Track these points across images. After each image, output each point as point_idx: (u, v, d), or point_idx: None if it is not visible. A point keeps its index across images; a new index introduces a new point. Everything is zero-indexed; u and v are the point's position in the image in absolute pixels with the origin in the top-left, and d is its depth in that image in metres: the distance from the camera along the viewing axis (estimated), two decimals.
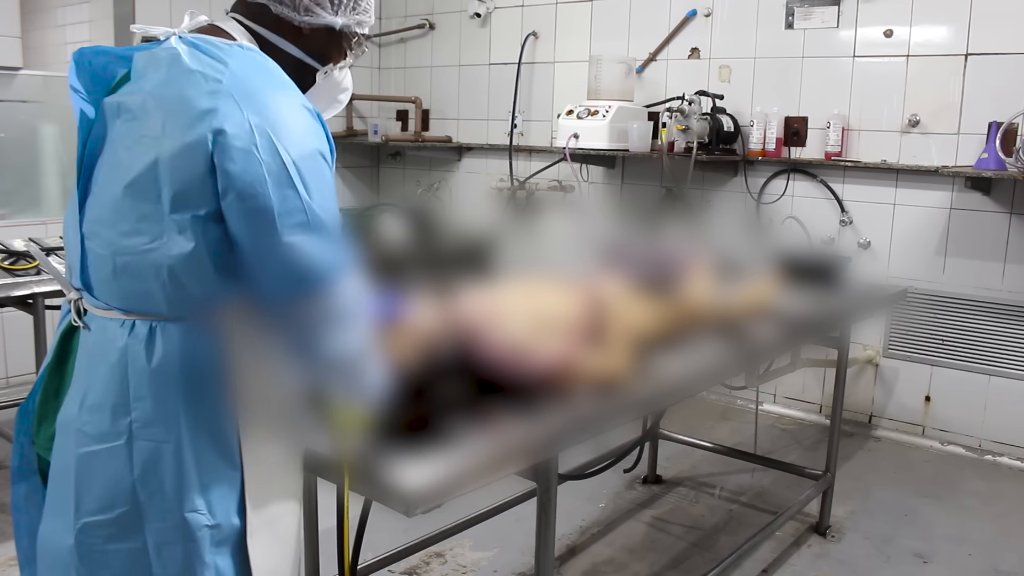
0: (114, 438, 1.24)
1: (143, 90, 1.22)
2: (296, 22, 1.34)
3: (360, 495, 1.43)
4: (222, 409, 1.25)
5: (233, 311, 1.23)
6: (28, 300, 2.73)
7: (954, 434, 3.81)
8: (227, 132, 1.14)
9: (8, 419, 3.41)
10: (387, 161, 5.69)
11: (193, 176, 1.15)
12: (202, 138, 1.14)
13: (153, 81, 1.22)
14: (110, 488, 1.24)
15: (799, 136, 4.05)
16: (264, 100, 1.18)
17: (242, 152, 1.14)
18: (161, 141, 1.17)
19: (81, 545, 1.25)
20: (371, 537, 1.95)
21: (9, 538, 2.80)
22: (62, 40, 6.08)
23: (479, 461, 1.38)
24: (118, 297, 1.24)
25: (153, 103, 1.19)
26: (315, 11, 1.34)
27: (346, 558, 1.44)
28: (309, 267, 1.19)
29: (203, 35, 1.30)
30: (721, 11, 4.23)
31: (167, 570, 1.25)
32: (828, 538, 2.96)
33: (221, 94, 1.16)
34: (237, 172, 1.14)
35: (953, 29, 3.62)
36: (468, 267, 1.64)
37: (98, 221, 1.24)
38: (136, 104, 1.21)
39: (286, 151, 1.16)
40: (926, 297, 3.80)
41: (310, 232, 1.18)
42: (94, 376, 1.26)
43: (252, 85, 1.19)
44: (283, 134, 1.17)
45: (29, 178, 4.12)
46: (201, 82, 1.18)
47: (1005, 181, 3.54)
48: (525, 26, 4.92)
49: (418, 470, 1.29)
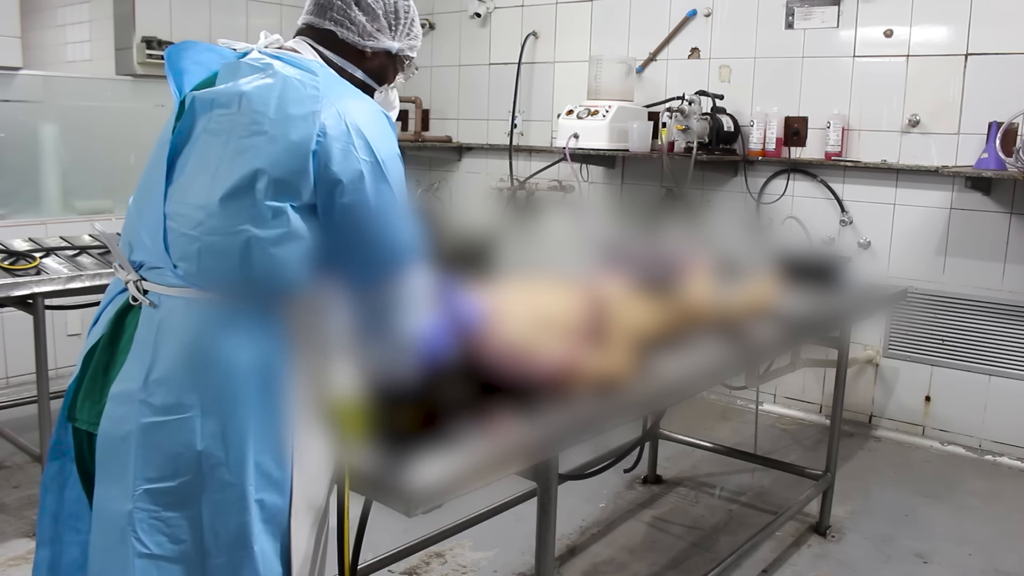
0: (182, 411, 1.31)
1: (239, 89, 1.34)
2: (360, 46, 1.51)
3: (360, 495, 1.43)
4: (286, 393, 1.33)
5: (306, 298, 1.34)
6: (28, 300, 2.72)
7: (954, 434, 3.81)
8: (329, 133, 1.30)
9: (8, 419, 3.42)
10: None
11: (294, 170, 1.29)
12: (307, 137, 1.29)
13: (249, 82, 1.35)
14: (174, 457, 1.31)
15: (799, 136, 4.05)
16: (356, 107, 1.36)
17: (342, 151, 1.30)
18: (262, 136, 1.30)
19: (139, 511, 1.31)
20: (371, 537, 1.95)
21: (9, 538, 2.81)
22: (62, 40, 6.09)
23: (479, 461, 1.38)
24: (199, 276, 1.32)
25: (251, 102, 1.32)
26: (377, 36, 1.52)
27: (346, 558, 1.45)
28: (394, 252, 1.37)
29: (282, 51, 1.47)
30: (721, 11, 4.23)
31: (219, 540, 1.32)
32: (828, 538, 2.96)
33: (320, 99, 1.32)
34: (339, 169, 1.30)
35: (953, 29, 3.62)
36: (468, 267, 1.65)
37: (184, 203, 1.34)
38: (232, 101, 1.34)
39: (378, 151, 1.34)
40: (926, 297, 3.80)
41: (398, 222, 1.37)
42: (162, 351, 1.33)
43: (343, 93, 1.37)
44: (373, 136, 1.34)
45: (29, 178, 4.12)
46: (300, 87, 1.33)
47: (1005, 181, 3.54)
48: (525, 26, 4.92)
49: (418, 470, 1.29)
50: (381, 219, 1.34)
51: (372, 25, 1.50)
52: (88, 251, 3.09)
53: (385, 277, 1.37)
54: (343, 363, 1.35)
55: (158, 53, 4.33)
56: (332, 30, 1.50)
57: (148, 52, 4.29)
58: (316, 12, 1.52)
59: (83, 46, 5.93)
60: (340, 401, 1.34)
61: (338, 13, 1.49)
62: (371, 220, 1.34)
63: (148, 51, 4.30)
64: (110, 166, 4.43)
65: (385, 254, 1.37)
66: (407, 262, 1.38)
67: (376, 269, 1.37)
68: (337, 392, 1.35)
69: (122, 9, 4.37)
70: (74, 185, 4.27)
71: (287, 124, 1.30)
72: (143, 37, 4.32)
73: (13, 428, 3.20)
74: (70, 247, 3.09)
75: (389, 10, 1.52)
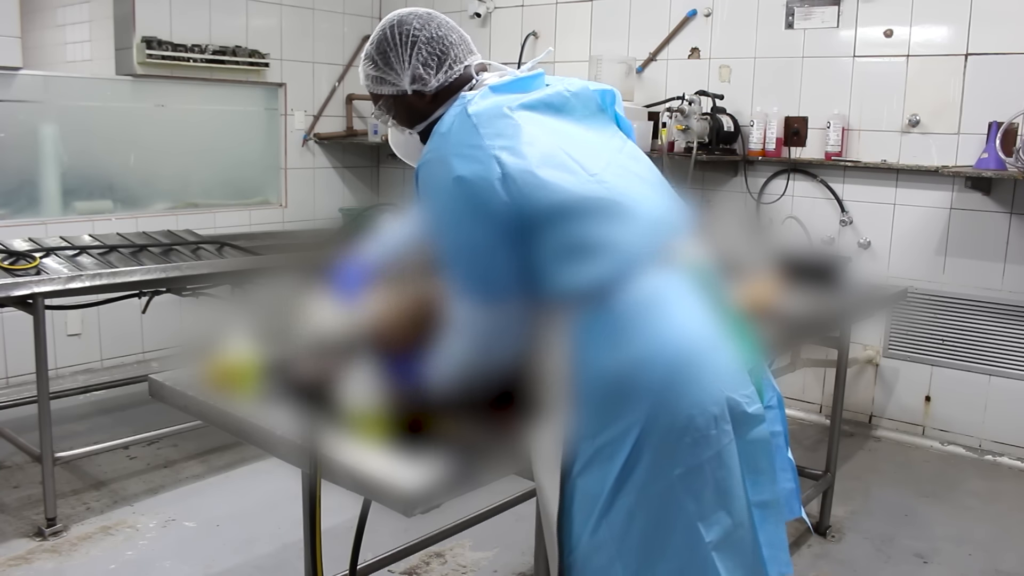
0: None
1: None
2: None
3: (360, 495, 1.43)
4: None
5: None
6: (28, 300, 2.72)
7: (954, 434, 3.81)
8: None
9: (8, 419, 3.42)
10: (387, 161, 5.69)
11: None
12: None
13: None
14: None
15: (799, 136, 4.05)
16: None
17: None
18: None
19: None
20: (371, 537, 1.95)
21: (9, 538, 2.81)
22: (62, 40, 6.09)
23: (479, 461, 1.38)
24: None
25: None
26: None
27: (318, 552, 1.45)
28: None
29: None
30: (721, 11, 4.23)
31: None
32: (828, 538, 2.96)
33: None
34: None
35: (953, 29, 3.62)
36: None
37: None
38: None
39: None
40: (926, 297, 3.80)
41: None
42: None
43: None
44: None
45: (29, 178, 4.12)
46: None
47: (1005, 181, 3.54)
48: (525, 26, 4.92)
49: (418, 470, 1.29)
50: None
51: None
52: (88, 251, 3.09)
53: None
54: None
55: (158, 53, 4.33)
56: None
57: (148, 52, 4.29)
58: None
59: (83, 46, 5.94)
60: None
61: None
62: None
63: (148, 51, 4.30)
64: (110, 166, 4.43)
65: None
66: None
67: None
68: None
69: (122, 9, 4.37)
70: (74, 185, 4.27)
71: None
72: (143, 37, 4.32)
73: (13, 428, 3.20)
74: (70, 247, 3.09)
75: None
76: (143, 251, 3.20)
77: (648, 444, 1.35)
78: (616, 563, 1.37)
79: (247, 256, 3.32)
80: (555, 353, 1.40)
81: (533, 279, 1.38)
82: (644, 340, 1.37)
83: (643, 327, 1.37)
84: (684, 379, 1.37)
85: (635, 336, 1.37)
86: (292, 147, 5.18)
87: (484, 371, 1.44)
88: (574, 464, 1.38)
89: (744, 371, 1.47)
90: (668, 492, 1.36)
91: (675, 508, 1.37)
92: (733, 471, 1.42)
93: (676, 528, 1.37)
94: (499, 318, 1.39)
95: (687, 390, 1.37)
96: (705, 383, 1.39)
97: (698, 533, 1.37)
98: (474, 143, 1.34)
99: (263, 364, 1.62)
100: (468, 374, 1.45)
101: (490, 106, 1.41)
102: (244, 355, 1.63)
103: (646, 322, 1.38)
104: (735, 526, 1.43)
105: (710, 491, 1.39)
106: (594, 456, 1.37)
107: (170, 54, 4.39)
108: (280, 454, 1.47)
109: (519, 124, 1.39)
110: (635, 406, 1.35)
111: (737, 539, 1.44)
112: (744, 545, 1.46)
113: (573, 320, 1.38)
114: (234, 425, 1.56)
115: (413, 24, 1.52)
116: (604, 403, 1.37)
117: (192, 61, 4.49)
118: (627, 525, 1.36)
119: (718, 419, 1.39)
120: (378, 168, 5.76)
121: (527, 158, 1.35)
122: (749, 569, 1.46)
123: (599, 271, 1.36)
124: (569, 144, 1.43)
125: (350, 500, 1.50)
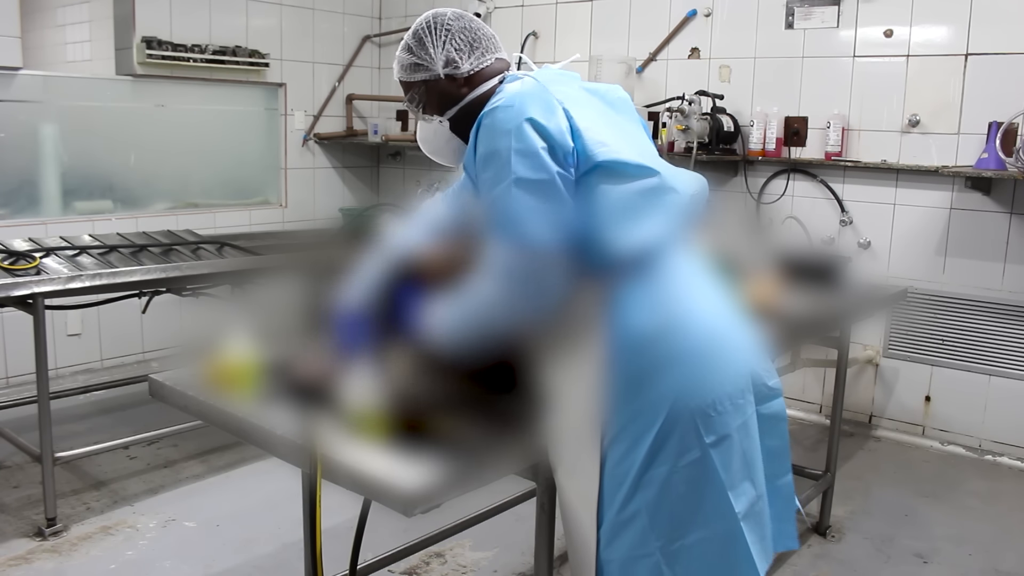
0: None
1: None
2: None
3: (360, 495, 1.43)
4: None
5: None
6: (28, 300, 2.72)
7: (954, 434, 3.81)
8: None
9: (8, 419, 3.42)
10: (387, 161, 5.69)
11: None
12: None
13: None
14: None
15: (799, 136, 4.05)
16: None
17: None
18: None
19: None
20: (371, 537, 1.95)
21: (9, 538, 2.81)
22: (62, 40, 6.09)
23: (479, 461, 1.38)
24: None
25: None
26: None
27: (318, 550, 1.46)
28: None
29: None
30: (721, 11, 4.23)
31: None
32: (828, 538, 2.96)
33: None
34: None
35: (953, 29, 3.62)
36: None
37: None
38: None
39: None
40: (926, 297, 3.80)
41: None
42: None
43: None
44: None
45: (29, 178, 4.12)
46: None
47: (1005, 181, 3.53)
48: (525, 26, 4.92)
49: (418, 470, 1.29)
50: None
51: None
52: (88, 251, 3.09)
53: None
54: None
55: (158, 53, 4.34)
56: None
57: (148, 52, 4.30)
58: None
59: (83, 46, 5.94)
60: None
61: None
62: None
63: (148, 51, 4.30)
64: (110, 166, 4.43)
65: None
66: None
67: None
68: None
69: (122, 9, 4.37)
70: (74, 185, 4.27)
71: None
72: (143, 37, 4.32)
73: (13, 428, 3.20)
74: (70, 247, 3.09)
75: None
76: (143, 251, 3.20)
77: (683, 413, 1.38)
78: (650, 535, 1.39)
79: (247, 256, 3.32)
80: (592, 314, 1.41)
81: (580, 234, 1.40)
82: (681, 309, 1.42)
83: (681, 297, 1.43)
84: (717, 348, 1.43)
85: (673, 305, 1.42)
86: (292, 147, 5.18)
87: (510, 321, 1.41)
88: (603, 436, 1.40)
89: (762, 346, 1.54)
90: (701, 461, 1.39)
91: (707, 477, 1.40)
92: (755, 441, 1.48)
93: (707, 497, 1.41)
94: (540, 264, 1.38)
95: (720, 359, 1.43)
96: (736, 353, 1.46)
97: (728, 503, 1.41)
98: (545, 96, 1.43)
99: (263, 364, 1.63)
100: (491, 323, 1.41)
101: (553, 76, 1.51)
102: (244, 355, 1.64)
103: (684, 292, 1.44)
104: (757, 497, 1.46)
105: (738, 460, 1.43)
106: (626, 426, 1.39)
107: (170, 54, 4.39)
108: (280, 454, 1.47)
109: (579, 96, 1.50)
110: (670, 374, 1.38)
111: (759, 510, 1.47)
112: (763, 517, 1.49)
113: (615, 282, 1.41)
114: (234, 425, 1.56)
115: (447, 16, 1.62)
116: (639, 371, 1.39)
117: (192, 61, 4.49)
118: (661, 495, 1.39)
119: (744, 390, 1.45)
120: (378, 168, 5.76)
121: (590, 120, 1.44)
122: (765, 541, 1.49)
123: (650, 233, 1.42)
124: (616, 125, 1.52)
125: (350, 500, 1.50)
